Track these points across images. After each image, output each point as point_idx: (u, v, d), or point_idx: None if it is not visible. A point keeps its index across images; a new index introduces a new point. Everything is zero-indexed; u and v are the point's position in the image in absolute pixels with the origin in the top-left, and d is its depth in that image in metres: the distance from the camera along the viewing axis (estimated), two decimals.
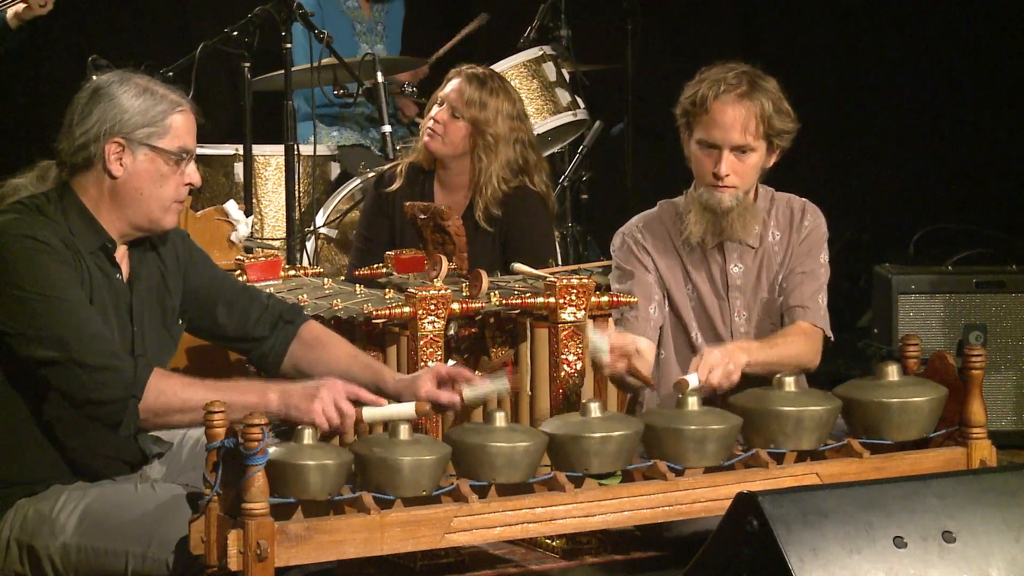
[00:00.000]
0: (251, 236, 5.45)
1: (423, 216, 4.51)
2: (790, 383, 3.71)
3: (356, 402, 3.56)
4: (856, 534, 3.11)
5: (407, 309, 4.07)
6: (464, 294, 4.22)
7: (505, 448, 3.42)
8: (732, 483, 3.55)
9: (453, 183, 5.24)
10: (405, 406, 3.61)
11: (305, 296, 4.37)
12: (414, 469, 3.33)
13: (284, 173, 5.72)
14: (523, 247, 5.10)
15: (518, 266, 4.59)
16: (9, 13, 5.47)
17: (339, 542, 3.25)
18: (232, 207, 5.34)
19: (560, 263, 5.57)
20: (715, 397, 3.90)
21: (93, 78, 3.65)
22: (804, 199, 4.46)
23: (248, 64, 5.68)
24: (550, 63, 6.17)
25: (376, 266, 4.78)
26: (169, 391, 3.44)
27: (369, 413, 3.59)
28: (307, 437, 3.32)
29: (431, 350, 4.06)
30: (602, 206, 6.93)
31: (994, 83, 7.70)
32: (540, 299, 4.15)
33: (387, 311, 4.08)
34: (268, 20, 5.62)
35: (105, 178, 3.54)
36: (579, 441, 3.49)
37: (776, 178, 4.44)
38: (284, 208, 5.73)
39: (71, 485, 3.54)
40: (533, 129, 5.39)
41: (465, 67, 5.25)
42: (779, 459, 3.66)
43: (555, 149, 6.45)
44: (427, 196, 5.22)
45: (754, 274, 4.37)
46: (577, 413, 3.62)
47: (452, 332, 4.24)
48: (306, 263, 5.66)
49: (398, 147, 5.93)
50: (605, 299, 4.24)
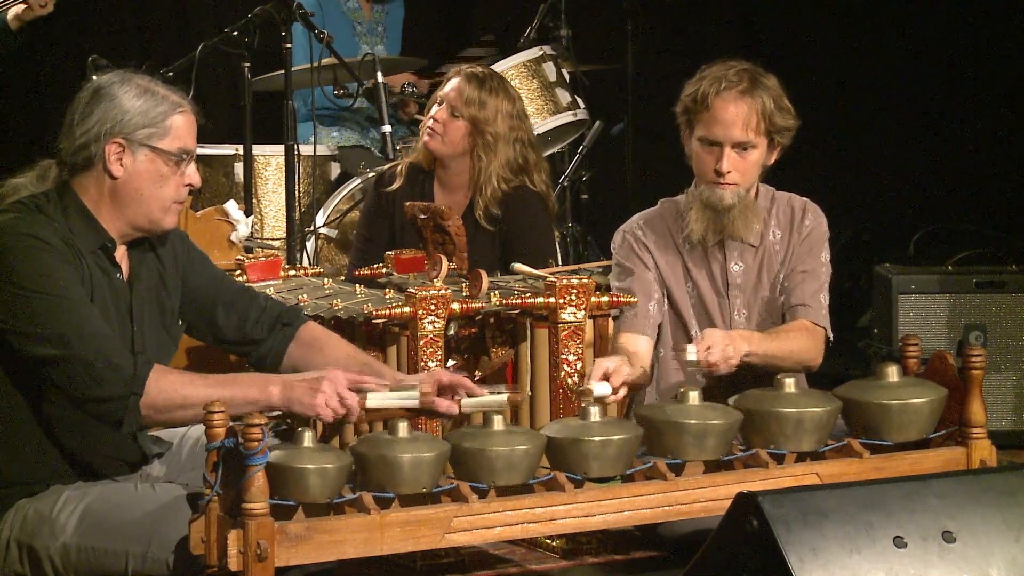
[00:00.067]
0: (251, 236, 5.45)
1: (423, 216, 4.51)
2: (790, 384, 3.70)
3: (359, 390, 3.56)
4: (856, 534, 3.11)
5: (407, 309, 4.06)
6: (464, 294, 4.22)
7: (504, 451, 3.41)
8: (732, 483, 3.54)
9: (453, 183, 5.24)
10: (409, 391, 3.60)
11: (305, 296, 4.37)
12: (414, 466, 3.32)
13: (284, 173, 5.72)
14: (523, 247, 5.09)
15: (518, 266, 4.58)
16: (9, 15, 5.47)
17: (339, 542, 3.25)
18: (232, 207, 5.34)
19: (560, 263, 5.57)
20: (716, 396, 3.89)
21: (93, 78, 3.65)
22: (805, 198, 4.46)
23: (248, 64, 5.68)
24: (550, 63, 6.17)
25: (376, 266, 4.78)
26: (170, 387, 3.44)
27: (373, 401, 3.58)
28: (307, 440, 3.31)
29: (431, 350, 4.06)
30: (602, 206, 6.93)
31: (994, 83, 7.69)
32: (540, 299, 4.15)
33: (387, 311, 4.08)
34: (268, 20, 5.62)
35: (105, 178, 3.54)
36: (579, 445, 3.48)
37: (776, 177, 4.44)
38: (284, 208, 5.73)
39: (71, 485, 3.53)
40: (533, 129, 5.38)
41: (465, 66, 5.25)
42: (779, 459, 3.65)
43: (555, 149, 6.45)
44: (427, 196, 5.22)
45: (754, 273, 4.37)
46: (577, 417, 3.62)
47: (452, 332, 4.23)
48: (306, 263, 5.66)
49: (398, 147, 5.93)
50: (605, 299, 4.24)
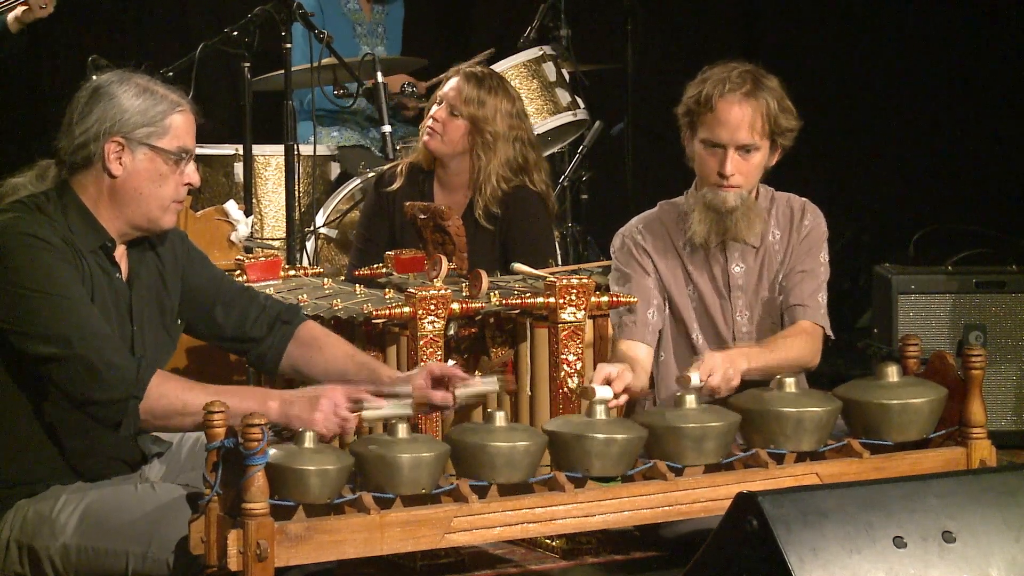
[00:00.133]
0: (251, 236, 5.45)
1: (423, 216, 4.51)
2: (790, 384, 3.70)
3: (357, 403, 3.56)
4: (856, 534, 3.11)
5: (407, 309, 4.06)
6: (464, 294, 4.22)
7: (505, 448, 3.41)
8: (732, 483, 3.54)
9: (453, 183, 5.24)
10: (402, 404, 3.60)
11: (305, 296, 4.37)
12: (413, 467, 3.32)
13: (284, 173, 5.71)
14: (523, 246, 5.09)
15: (518, 266, 4.58)
16: (9, 17, 5.46)
17: (339, 542, 3.24)
18: (232, 207, 5.34)
19: (560, 263, 5.57)
20: (714, 399, 3.89)
21: (93, 78, 3.65)
22: (804, 198, 4.45)
23: (248, 64, 5.68)
24: (550, 63, 6.17)
25: (376, 266, 4.78)
26: (171, 394, 3.43)
27: (368, 415, 3.58)
28: (307, 440, 3.31)
29: (431, 350, 4.06)
30: (602, 206, 6.93)
31: (994, 83, 7.69)
32: (540, 299, 4.15)
33: (387, 311, 4.08)
34: (268, 20, 5.61)
35: (104, 177, 3.54)
36: (582, 442, 3.48)
37: (776, 178, 4.44)
38: (284, 208, 5.73)
39: (71, 485, 3.53)
40: (533, 128, 5.38)
41: (464, 66, 5.25)
42: (779, 459, 3.65)
43: (555, 149, 6.45)
44: (427, 196, 5.22)
45: (755, 273, 4.36)
46: (581, 414, 3.62)
47: (452, 332, 4.23)
48: (306, 263, 5.66)
49: (398, 147, 5.93)
50: (605, 299, 4.24)
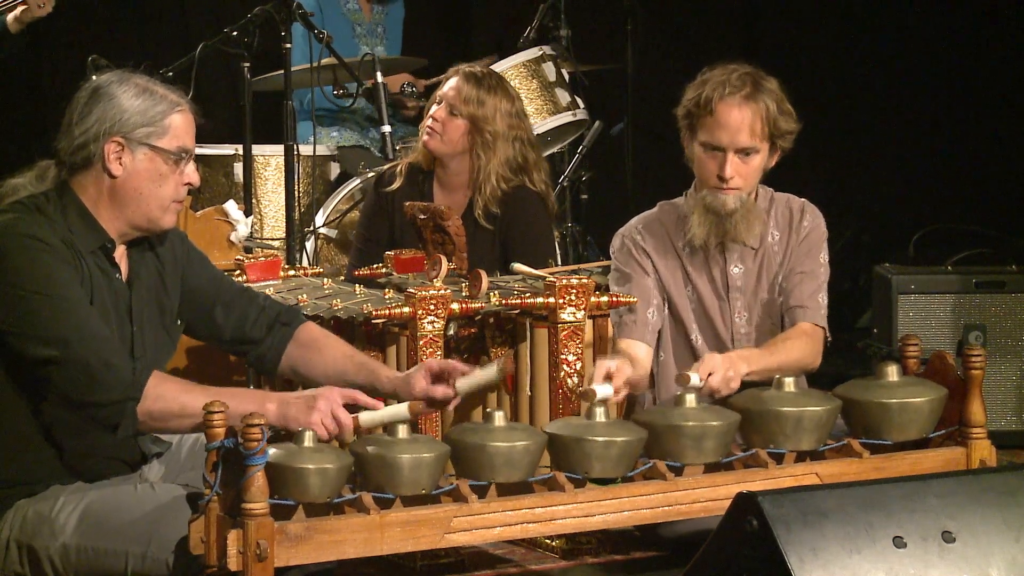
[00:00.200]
0: (251, 236, 5.44)
1: (423, 216, 4.51)
2: (790, 383, 3.70)
3: (354, 407, 3.56)
4: (856, 534, 3.11)
5: (407, 309, 4.06)
6: (464, 294, 4.22)
7: (504, 448, 3.42)
8: (732, 483, 3.54)
9: (452, 183, 5.24)
10: (399, 407, 3.60)
11: (305, 296, 4.37)
12: (413, 467, 3.32)
13: (284, 173, 5.71)
14: (522, 246, 5.09)
15: (518, 266, 4.58)
16: (9, 17, 5.45)
17: (339, 542, 3.25)
18: (232, 207, 5.33)
19: (560, 263, 5.57)
20: (713, 399, 3.89)
21: (93, 78, 3.65)
22: (803, 199, 4.45)
23: (248, 64, 5.68)
24: (550, 63, 6.16)
25: (376, 266, 4.78)
26: (168, 395, 3.43)
27: (365, 419, 3.58)
28: (307, 440, 3.31)
29: (431, 350, 4.06)
30: (602, 206, 6.92)
31: (994, 83, 7.69)
32: (540, 299, 4.15)
33: (387, 311, 4.08)
34: (268, 20, 5.61)
35: (104, 178, 3.54)
36: (582, 443, 3.48)
37: (776, 178, 4.43)
38: (284, 208, 5.73)
39: (70, 485, 3.53)
40: (532, 129, 5.38)
41: (463, 66, 5.25)
42: (779, 459, 3.65)
43: (555, 149, 6.45)
44: (427, 196, 5.22)
45: (755, 275, 4.36)
46: (580, 416, 3.62)
47: (452, 332, 4.23)
48: (306, 263, 5.65)
49: (398, 147, 5.93)
50: (605, 299, 4.24)
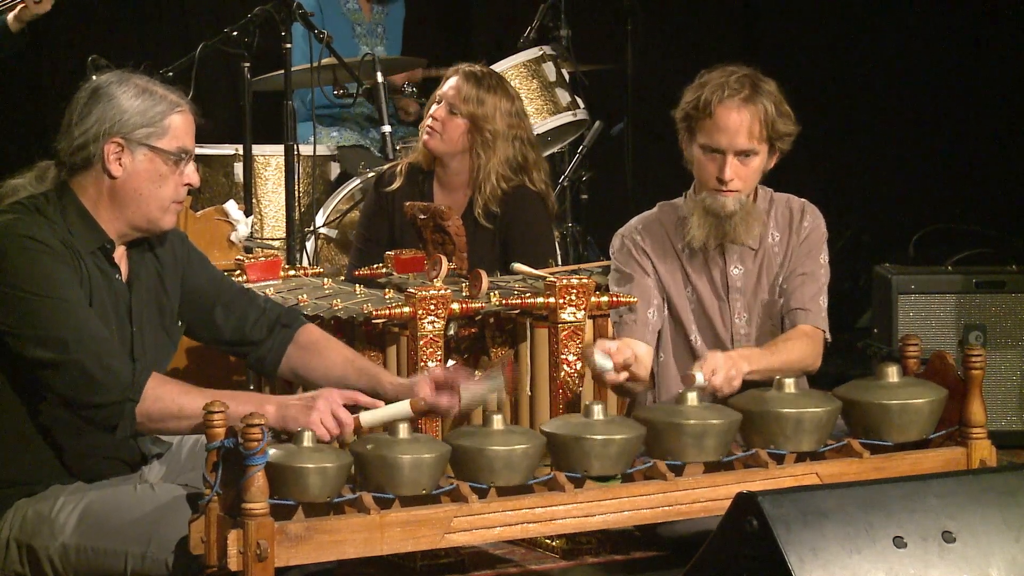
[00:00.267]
0: (251, 236, 5.44)
1: (423, 216, 4.51)
2: (790, 384, 3.70)
3: (354, 407, 3.56)
4: (856, 534, 3.11)
5: (407, 309, 4.06)
6: (464, 294, 4.22)
7: (503, 451, 3.41)
8: (732, 483, 3.54)
9: (452, 183, 5.24)
10: (400, 405, 3.60)
11: (305, 296, 4.37)
12: (414, 467, 3.32)
13: (284, 173, 5.72)
14: (522, 246, 5.09)
15: (518, 266, 4.58)
16: (9, 17, 5.45)
17: (339, 542, 3.25)
18: (232, 207, 5.33)
19: (560, 263, 5.57)
20: (715, 398, 3.89)
21: (93, 78, 3.65)
22: (803, 200, 4.45)
23: (248, 64, 5.68)
24: (550, 63, 6.16)
25: (376, 266, 4.78)
26: (167, 397, 3.43)
27: (366, 418, 3.58)
28: (307, 439, 3.31)
29: (431, 350, 4.06)
30: (602, 206, 6.93)
31: (994, 83, 7.69)
32: (540, 299, 4.15)
33: (387, 311, 4.08)
34: (268, 20, 5.62)
35: (104, 178, 3.54)
36: (581, 442, 3.48)
37: (776, 178, 4.43)
38: (284, 208, 5.73)
39: (70, 485, 3.53)
40: (532, 128, 5.38)
41: (463, 65, 5.25)
42: (779, 459, 3.65)
43: (555, 149, 6.45)
44: (427, 196, 5.22)
45: (754, 276, 4.36)
46: (579, 414, 3.62)
47: (452, 332, 4.23)
48: (306, 263, 5.66)
49: (398, 147, 5.93)
50: (605, 299, 4.24)
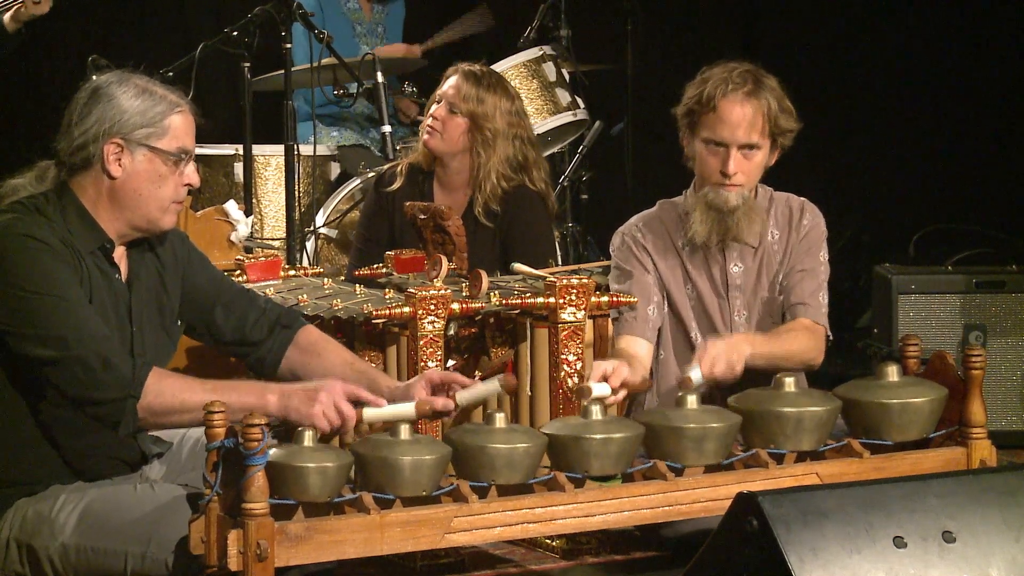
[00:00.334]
0: (251, 236, 5.44)
1: (423, 216, 4.51)
2: (790, 384, 3.70)
3: (356, 402, 3.56)
4: (856, 534, 3.11)
5: (407, 309, 4.06)
6: (464, 294, 4.22)
7: (504, 449, 3.41)
8: (732, 483, 3.54)
9: (453, 183, 5.24)
10: (405, 406, 3.61)
11: (305, 296, 4.37)
12: (414, 469, 3.32)
13: (284, 173, 5.72)
14: (523, 246, 5.09)
15: (518, 266, 4.58)
16: (6, 17, 5.44)
17: (339, 542, 3.24)
18: (232, 207, 5.33)
19: (560, 263, 5.57)
20: (715, 397, 3.89)
21: (93, 78, 3.65)
22: (802, 198, 4.46)
23: (248, 64, 5.68)
24: (550, 63, 6.17)
25: (376, 266, 4.78)
26: (168, 391, 3.44)
27: (369, 414, 3.59)
28: (307, 439, 3.31)
29: (431, 350, 4.06)
30: (602, 206, 6.93)
31: (994, 83, 7.69)
32: (540, 299, 4.15)
33: (387, 311, 4.08)
34: (268, 20, 5.62)
35: (104, 178, 3.54)
36: (580, 442, 3.48)
37: (776, 177, 4.44)
38: (284, 208, 5.73)
39: (70, 485, 3.53)
40: (532, 128, 5.38)
41: (463, 65, 5.26)
42: (779, 459, 3.65)
43: (555, 149, 6.45)
44: (427, 196, 5.22)
45: (754, 273, 4.37)
46: (578, 415, 3.62)
47: (452, 332, 4.23)
48: (306, 263, 5.66)
49: (398, 147, 5.94)
50: (605, 299, 4.24)
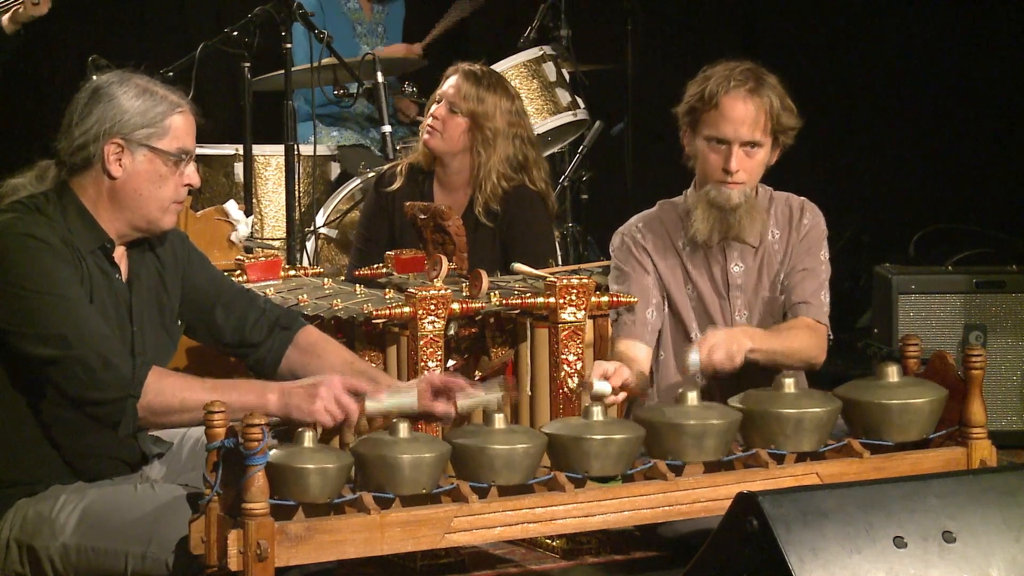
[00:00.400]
0: (251, 236, 5.44)
1: (423, 216, 4.51)
2: (790, 384, 3.70)
3: (357, 395, 3.56)
4: (856, 534, 3.11)
5: (407, 309, 4.06)
6: (464, 294, 4.22)
7: (504, 450, 3.41)
8: (732, 483, 3.54)
9: (453, 182, 5.24)
10: (406, 396, 3.60)
11: (305, 296, 4.37)
12: (414, 467, 3.32)
13: (284, 173, 5.72)
14: (523, 246, 5.09)
15: (518, 266, 4.58)
16: (4, 19, 5.44)
17: (339, 542, 3.24)
18: (232, 207, 5.33)
19: (560, 263, 5.57)
20: (716, 397, 3.89)
21: (93, 78, 3.65)
22: (802, 198, 4.46)
23: (248, 64, 5.68)
24: (550, 63, 6.17)
25: (376, 266, 4.78)
26: (168, 391, 3.44)
27: (371, 405, 3.58)
28: (307, 440, 3.31)
29: (431, 350, 4.06)
30: (602, 206, 6.92)
31: (994, 83, 7.69)
32: (540, 299, 4.15)
33: (387, 311, 4.08)
34: (268, 20, 5.62)
35: (104, 178, 3.54)
36: (580, 443, 3.48)
37: (776, 177, 4.44)
38: (284, 208, 5.73)
39: (71, 485, 3.53)
40: (532, 128, 5.39)
41: (463, 64, 5.26)
42: (779, 459, 3.65)
43: (555, 149, 6.45)
44: (427, 196, 5.22)
45: (755, 273, 4.37)
46: (579, 416, 3.62)
47: (452, 332, 4.23)
48: (306, 263, 5.66)
49: (398, 147, 5.94)
50: (605, 299, 4.24)
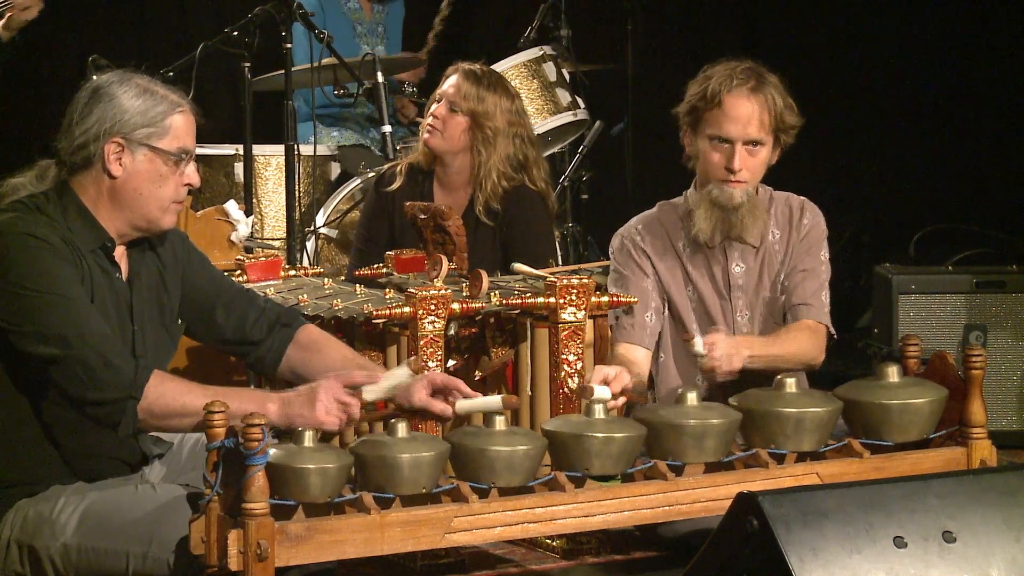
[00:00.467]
0: (251, 236, 5.44)
1: (423, 216, 4.51)
2: (791, 384, 3.70)
3: (353, 387, 3.56)
4: (856, 534, 3.11)
5: (407, 309, 4.06)
6: (464, 294, 4.22)
7: (504, 452, 3.41)
8: (732, 483, 3.54)
9: (453, 182, 5.24)
10: (398, 371, 3.60)
11: (305, 296, 4.37)
12: (413, 466, 3.32)
13: (284, 173, 5.72)
14: (523, 246, 5.09)
15: (518, 266, 4.58)
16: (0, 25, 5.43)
17: (339, 542, 3.25)
18: (232, 207, 5.33)
19: (560, 263, 5.57)
20: (716, 396, 3.89)
21: (93, 78, 3.65)
22: (802, 198, 4.46)
23: (248, 64, 5.68)
24: (550, 63, 6.17)
25: (376, 266, 4.78)
26: (169, 394, 3.44)
27: (369, 394, 3.58)
28: (307, 439, 3.31)
29: (431, 350, 4.06)
30: (602, 206, 6.93)
31: (994, 83, 7.69)
32: (540, 299, 4.15)
33: (387, 311, 4.08)
34: (268, 20, 5.62)
35: (104, 178, 3.54)
36: (581, 441, 3.48)
37: (776, 177, 4.44)
38: (284, 208, 5.73)
39: (71, 486, 3.53)
40: (532, 127, 5.39)
41: (463, 64, 5.26)
42: (779, 459, 3.65)
43: (555, 149, 6.45)
44: (427, 196, 5.22)
45: (756, 273, 4.37)
46: (580, 413, 3.62)
47: (452, 332, 4.23)
48: (306, 263, 5.66)
49: (398, 147, 5.93)
50: (605, 299, 4.24)
